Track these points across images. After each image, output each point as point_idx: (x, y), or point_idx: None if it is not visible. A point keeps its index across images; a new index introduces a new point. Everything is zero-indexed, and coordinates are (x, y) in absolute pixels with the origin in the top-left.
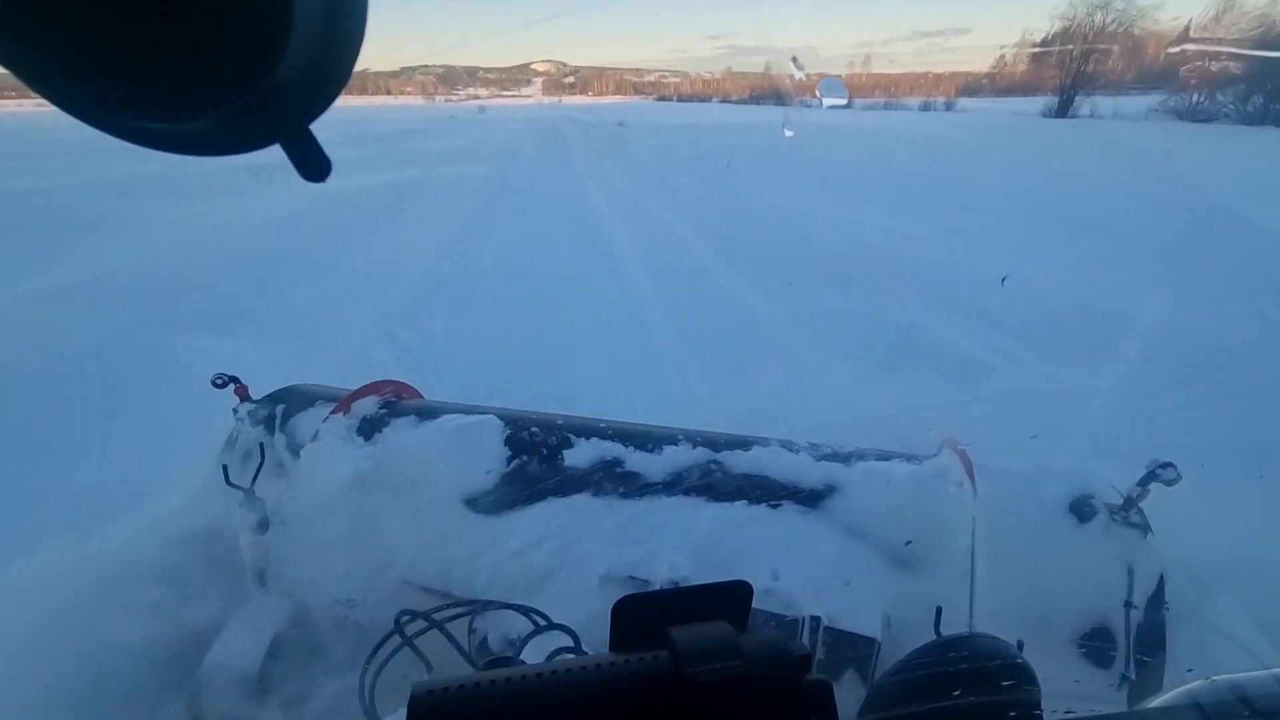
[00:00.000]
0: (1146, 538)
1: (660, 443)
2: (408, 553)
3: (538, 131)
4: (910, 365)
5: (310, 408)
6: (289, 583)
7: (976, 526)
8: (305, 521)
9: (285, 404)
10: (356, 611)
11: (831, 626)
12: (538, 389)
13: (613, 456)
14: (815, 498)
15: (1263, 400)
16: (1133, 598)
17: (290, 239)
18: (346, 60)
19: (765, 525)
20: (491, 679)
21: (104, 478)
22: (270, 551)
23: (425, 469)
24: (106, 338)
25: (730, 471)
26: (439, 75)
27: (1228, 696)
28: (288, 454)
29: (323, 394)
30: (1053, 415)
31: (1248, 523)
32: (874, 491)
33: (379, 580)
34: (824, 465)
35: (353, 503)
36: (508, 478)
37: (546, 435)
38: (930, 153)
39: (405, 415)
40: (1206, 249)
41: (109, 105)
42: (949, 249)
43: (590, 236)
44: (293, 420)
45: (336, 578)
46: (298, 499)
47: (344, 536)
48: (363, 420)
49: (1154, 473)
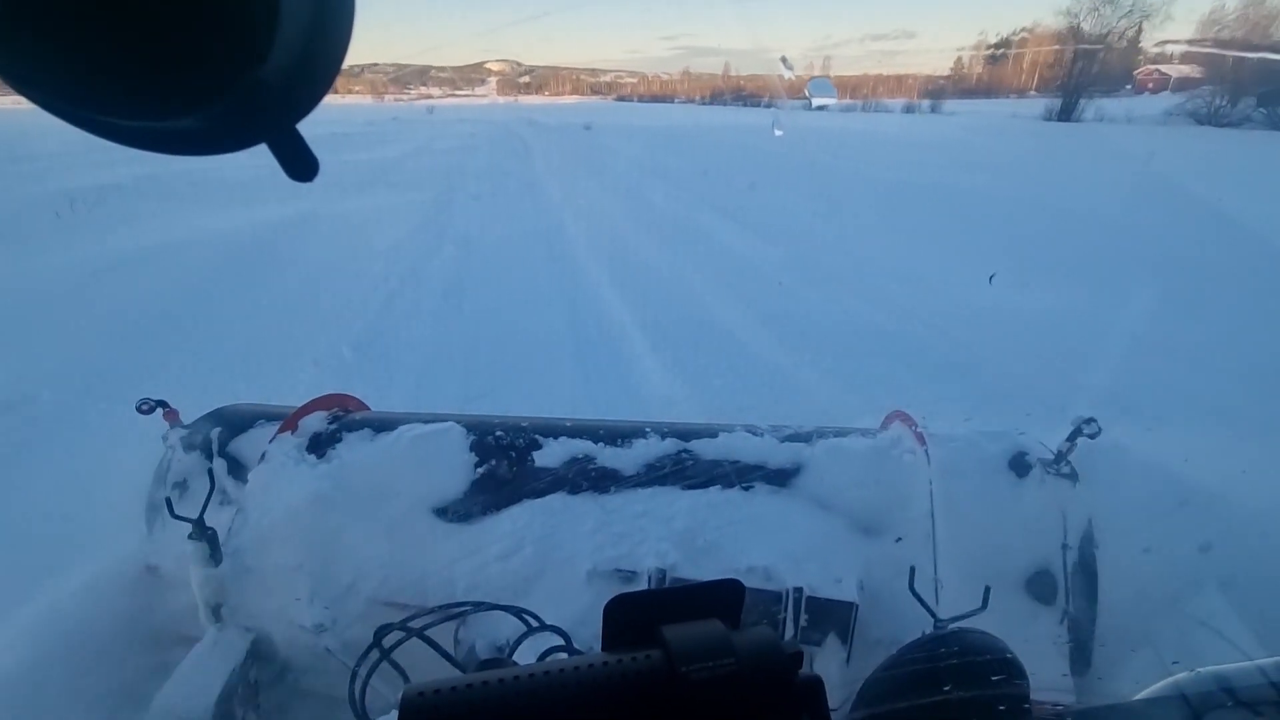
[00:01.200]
0: (1075, 486)
1: (629, 437)
2: (377, 570)
3: (493, 137)
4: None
5: (250, 429)
6: (247, 615)
7: (933, 490)
8: (262, 548)
9: (221, 426)
10: (326, 637)
11: (813, 596)
12: None
13: (584, 454)
14: (784, 476)
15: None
16: (1068, 540)
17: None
18: (334, 58)
19: (741, 507)
20: (484, 680)
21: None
22: (226, 584)
23: (388, 483)
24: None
25: (701, 459)
26: (389, 74)
27: (1212, 687)
28: (230, 479)
29: (262, 413)
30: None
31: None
32: (836, 466)
33: (348, 602)
34: (788, 446)
35: (312, 524)
36: (478, 484)
37: (513, 438)
38: (967, 162)
39: (358, 429)
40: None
41: (90, 103)
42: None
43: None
44: (233, 443)
45: (302, 605)
46: (251, 525)
47: (306, 560)
48: (313, 437)
49: (1079, 429)
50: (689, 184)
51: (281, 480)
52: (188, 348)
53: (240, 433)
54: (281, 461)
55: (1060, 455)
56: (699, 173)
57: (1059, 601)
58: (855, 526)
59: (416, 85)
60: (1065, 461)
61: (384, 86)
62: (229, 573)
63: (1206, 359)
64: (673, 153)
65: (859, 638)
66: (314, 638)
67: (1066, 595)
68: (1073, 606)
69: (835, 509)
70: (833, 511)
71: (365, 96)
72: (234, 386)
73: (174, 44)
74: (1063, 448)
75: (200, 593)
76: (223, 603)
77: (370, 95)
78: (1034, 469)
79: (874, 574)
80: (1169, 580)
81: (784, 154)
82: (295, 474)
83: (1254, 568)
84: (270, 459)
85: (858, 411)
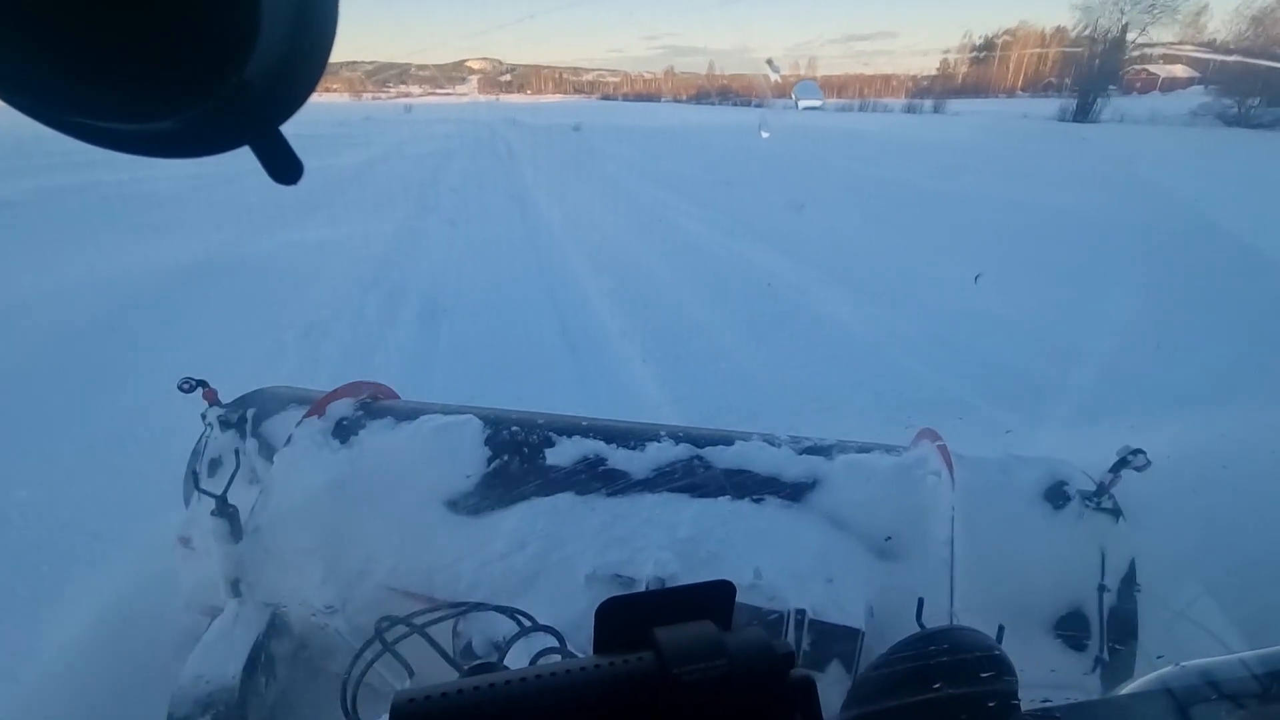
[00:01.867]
0: (1118, 523)
1: (643, 440)
2: (388, 557)
3: (474, 140)
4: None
5: (283, 411)
6: (265, 592)
7: (955, 516)
8: (280, 529)
9: (256, 408)
10: (336, 619)
11: (816, 619)
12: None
13: (595, 455)
14: (798, 491)
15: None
16: (1106, 582)
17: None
18: (317, 60)
19: (749, 520)
20: (475, 685)
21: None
22: (244, 561)
23: (404, 471)
24: None
25: (713, 467)
26: (368, 72)
27: (1197, 681)
28: (260, 459)
29: (295, 396)
30: None
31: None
32: (855, 484)
33: (359, 587)
34: (805, 459)
35: (330, 508)
36: (489, 478)
37: (528, 434)
38: (1009, 169)
39: (382, 417)
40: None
41: (72, 106)
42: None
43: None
44: (265, 424)
45: (315, 585)
46: (272, 506)
47: (321, 543)
48: (338, 423)
49: (1125, 459)
50: (713, 200)
51: (305, 463)
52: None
53: (273, 414)
54: (306, 445)
55: (1102, 488)
56: (720, 183)
57: (1091, 648)
58: (870, 549)
59: (396, 84)
60: (1108, 495)
61: (363, 85)
62: (247, 550)
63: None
64: (679, 158)
65: (865, 668)
66: (325, 618)
67: (1101, 642)
68: (1106, 654)
69: (849, 528)
70: (847, 531)
71: (343, 95)
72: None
73: (155, 46)
74: (1105, 479)
75: (220, 567)
76: (241, 578)
77: (348, 94)
78: (1072, 501)
79: (886, 601)
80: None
81: (807, 159)
82: (318, 458)
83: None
84: (296, 442)
85: None
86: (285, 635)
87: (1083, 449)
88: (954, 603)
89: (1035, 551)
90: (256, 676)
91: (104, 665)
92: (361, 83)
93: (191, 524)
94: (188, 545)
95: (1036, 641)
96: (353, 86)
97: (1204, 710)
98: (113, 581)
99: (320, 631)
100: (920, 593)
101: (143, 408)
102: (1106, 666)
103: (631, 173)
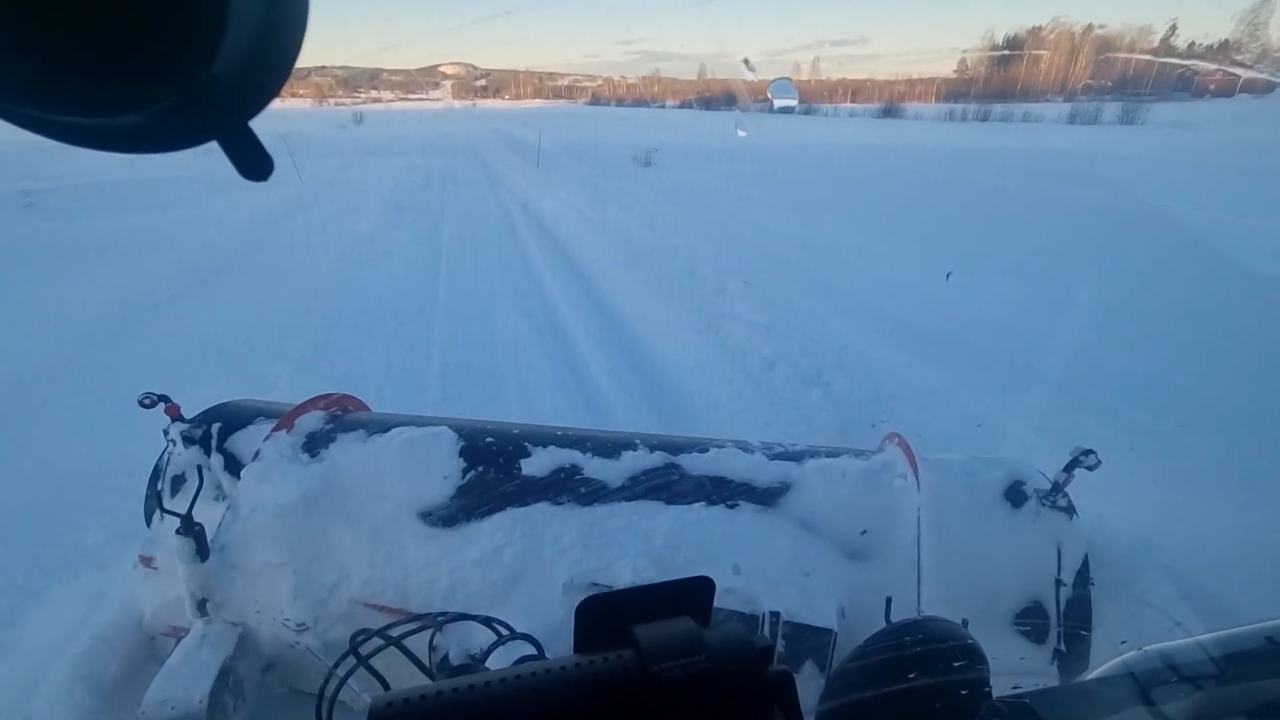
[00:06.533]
0: (1072, 519)
1: (618, 448)
2: (361, 571)
3: (442, 170)
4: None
5: (249, 425)
6: (233, 611)
7: (921, 516)
8: (249, 545)
9: (221, 422)
10: (308, 636)
11: (790, 620)
12: None
13: (570, 463)
14: (771, 496)
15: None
16: (1062, 575)
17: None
18: (287, 54)
19: (724, 525)
20: (454, 687)
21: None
22: (211, 579)
23: (377, 484)
24: None
25: (688, 474)
26: (338, 77)
27: (1158, 665)
28: (226, 475)
29: (262, 410)
30: None
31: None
32: (825, 487)
33: (331, 602)
34: (777, 464)
35: (301, 523)
36: (464, 489)
37: (502, 444)
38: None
39: (353, 430)
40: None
41: (35, 101)
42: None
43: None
44: (231, 439)
45: (285, 602)
46: (240, 522)
47: (292, 559)
48: (308, 436)
49: (1077, 459)
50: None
51: (273, 478)
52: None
53: (239, 429)
54: (274, 459)
55: (1057, 486)
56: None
57: (1050, 640)
58: (840, 551)
59: (367, 88)
60: (1062, 493)
61: (331, 89)
62: (214, 568)
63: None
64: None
65: (840, 661)
66: (296, 636)
67: (1059, 634)
68: (1063, 644)
69: (821, 531)
70: (818, 534)
71: (308, 100)
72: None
73: (120, 38)
74: (1059, 479)
75: (186, 586)
76: (208, 598)
77: (314, 99)
78: (1030, 499)
79: (856, 600)
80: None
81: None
82: (287, 472)
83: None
84: (264, 456)
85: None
86: (254, 655)
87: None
88: (921, 601)
89: (996, 549)
90: (224, 698)
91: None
92: (331, 87)
93: (154, 543)
94: (150, 565)
95: (999, 634)
96: (320, 91)
97: (1165, 692)
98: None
99: (291, 650)
100: (889, 592)
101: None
102: (1064, 656)
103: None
